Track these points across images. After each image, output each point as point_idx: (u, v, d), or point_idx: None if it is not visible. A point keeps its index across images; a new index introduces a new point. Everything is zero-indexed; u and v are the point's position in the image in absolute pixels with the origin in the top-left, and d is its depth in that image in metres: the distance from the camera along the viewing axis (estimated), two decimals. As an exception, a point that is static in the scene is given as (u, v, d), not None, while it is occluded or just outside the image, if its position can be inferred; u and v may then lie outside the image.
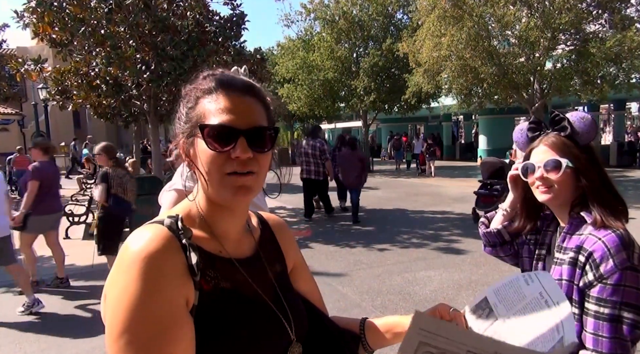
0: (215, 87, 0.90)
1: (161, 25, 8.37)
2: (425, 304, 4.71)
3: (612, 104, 24.68)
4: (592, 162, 1.38)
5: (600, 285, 1.22)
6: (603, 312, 1.21)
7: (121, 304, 0.77)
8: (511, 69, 12.98)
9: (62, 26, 8.39)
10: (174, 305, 0.80)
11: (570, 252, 1.33)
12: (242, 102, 0.89)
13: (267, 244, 1.07)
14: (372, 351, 1.15)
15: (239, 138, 0.85)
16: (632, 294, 1.20)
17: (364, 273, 5.93)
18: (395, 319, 1.12)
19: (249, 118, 0.88)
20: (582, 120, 1.39)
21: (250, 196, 0.90)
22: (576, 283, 1.28)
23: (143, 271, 0.78)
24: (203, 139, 0.87)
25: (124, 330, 0.76)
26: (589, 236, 1.30)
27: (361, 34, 20.34)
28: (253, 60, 9.99)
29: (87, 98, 9.22)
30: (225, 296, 0.88)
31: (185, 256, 0.83)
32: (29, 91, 23.54)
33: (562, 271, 1.33)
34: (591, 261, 1.25)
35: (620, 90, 13.08)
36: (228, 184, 0.87)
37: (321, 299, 1.18)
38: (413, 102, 18.44)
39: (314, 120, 27.95)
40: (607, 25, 12.99)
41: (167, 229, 0.85)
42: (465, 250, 6.88)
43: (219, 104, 0.88)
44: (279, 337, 0.93)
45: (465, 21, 12.64)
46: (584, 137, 1.39)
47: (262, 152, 0.89)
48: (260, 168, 0.89)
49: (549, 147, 1.40)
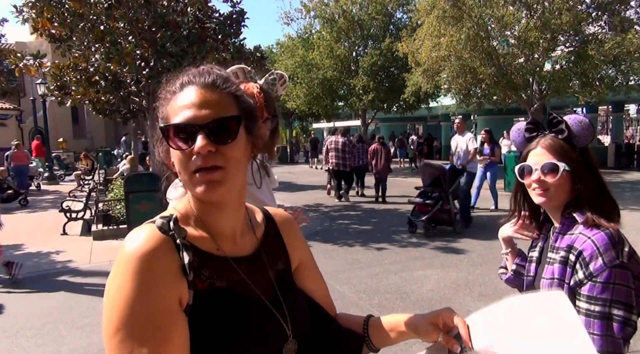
0: (178, 87, 0.91)
1: (161, 21, 8.35)
2: (422, 304, 4.73)
3: (610, 106, 24.72)
4: (588, 166, 1.40)
5: (590, 283, 1.24)
6: (594, 310, 1.23)
7: (116, 303, 0.80)
8: (510, 69, 12.99)
9: (62, 21, 8.36)
10: (166, 304, 0.81)
11: (561, 251, 1.35)
12: (201, 96, 0.88)
13: (271, 241, 1.06)
14: (377, 350, 1.13)
15: (197, 133, 0.85)
16: (622, 291, 1.21)
17: (362, 272, 5.94)
18: (399, 318, 1.08)
19: (207, 112, 0.87)
20: (579, 123, 1.40)
21: (221, 190, 0.88)
22: (567, 282, 1.30)
23: (136, 270, 0.80)
24: (166, 140, 0.88)
25: (118, 328, 0.78)
26: (579, 235, 1.32)
27: (360, 33, 20.33)
28: (253, 58, 9.97)
29: (86, 94, 9.20)
30: (221, 295, 0.88)
31: (179, 256, 0.84)
32: (28, 86, 23.45)
33: (554, 270, 1.35)
34: (581, 260, 1.27)
35: (619, 92, 13.11)
36: (196, 182, 0.87)
37: (328, 297, 1.17)
38: (412, 101, 18.45)
39: (312, 118, 27.95)
40: (606, 27, 13.02)
41: (158, 230, 0.86)
42: (462, 250, 6.89)
43: (177, 103, 0.89)
44: (275, 336, 0.93)
45: (465, 21, 12.64)
46: (581, 141, 1.40)
47: (225, 144, 0.87)
48: (228, 160, 0.87)
49: (546, 150, 1.41)
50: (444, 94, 17.76)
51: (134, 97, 9.45)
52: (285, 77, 1.85)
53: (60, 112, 26.90)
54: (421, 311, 2.45)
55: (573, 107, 23.09)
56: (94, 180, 13.60)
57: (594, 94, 12.79)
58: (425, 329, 1.01)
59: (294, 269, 1.10)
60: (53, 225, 9.08)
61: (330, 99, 21.60)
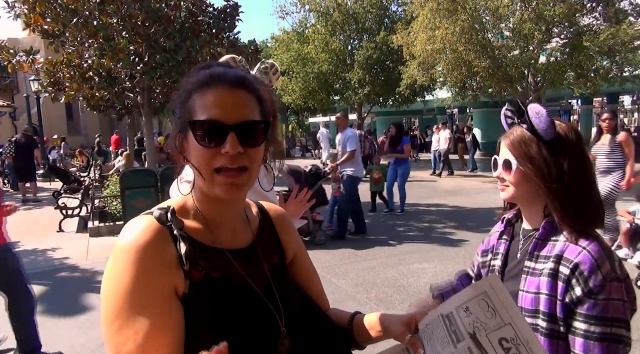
0: (207, 81, 0.89)
1: (154, 16, 8.28)
2: (420, 296, 4.74)
3: (605, 98, 24.79)
4: (554, 162, 1.23)
5: (590, 301, 1.12)
6: (594, 331, 1.12)
7: (113, 292, 0.83)
8: (505, 61, 13.00)
9: (54, 17, 8.28)
10: (163, 292, 0.84)
11: (548, 262, 1.21)
12: (232, 96, 0.88)
13: (265, 235, 1.07)
14: (361, 348, 1.13)
15: (228, 134, 0.85)
16: (619, 307, 1.12)
17: (359, 266, 5.96)
18: (376, 317, 1.08)
19: (238, 113, 0.87)
20: (537, 115, 1.24)
21: (241, 194, 0.91)
22: (560, 299, 1.16)
23: (134, 260, 0.83)
24: (193, 134, 0.87)
25: (117, 315, 0.81)
26: (570, 245, 1.19)
27: (355, 26, 20.27)
28: (247, 52, 9.92)
29: (80, 90, 9.13)
30: (216, 286, 0.90)
31: (175, 247, 0.86)
32: (21, 83, 23.28)
33: (540, 283, 1.21)
34: (578, 274, 1.13)
35: (614, 83, 13.16)
36: (217, 182, 0.87)
37: (321, 290, 1.18)
38: (407, 94, 18.45)
39: (308, 113, 27.90)
40: (600, 19, 13.03)
41: (156, 221, 0.88)
42: (459, 242, 6.92)
43: (208, 99, 0.88)
44: (268, 328, 0.94)
45: (459, 14, 12.63)
46: (544, 133, 1.24)
47: (253, 146, 0.88)
48: (252, 163, 0.89)
49: (507, 144, 1.31)
50: (440, 87, 17.78)
51: (128, 93, 9.39)
52: (277, 67, 1.87)
53: (54, 108, 26.72)
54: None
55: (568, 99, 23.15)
56: (89, 177, 13.55)
57: (589, 86, 12.84)
58: (395, 330, 1.00)
59: (288, 263, 1.12)
60: (49, 222, 9.05)
61: (325, 93, 21.55)
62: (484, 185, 10.24)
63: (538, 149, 1.24)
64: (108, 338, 0.82)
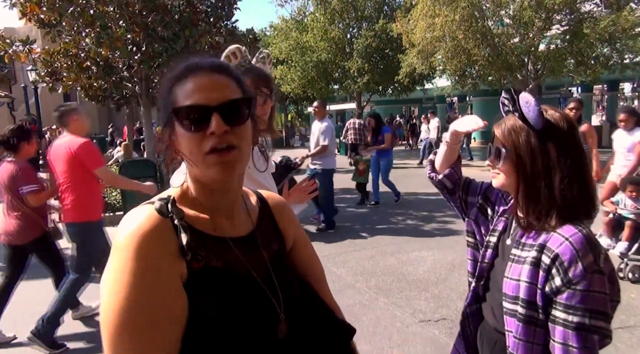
0: (184, 72, 0.92)
1: (151, 5, 8.21)
2: (419, 285, 4.77)
3: (605, 85, 24.71)
4: (542, 151, 1.24)
5: (569, 291, 1.14)
6: (572, 320, 1.14)
7: (117, 284, 0.81)
8: (505, 49, 12.92)
9: (50, 6, 8.21)
10: (168, 281, 0.83)
11: (532, 250, 1.23)
12: (211, 80, 0.91)
13: (265, 223, 1.08)
14: None
15: (212, 115, 0.86)
16: (600, 300, 1.13)
17: (358, 254, 5.98)
18: None
19: (219, 94, 0.89)
20: (526, 105, 1.26)
21: (234, 173, 0.92)
22: (540, 287, 1.19)
23: (136, 251, 0.82)
24: (179, 122, 0.89)
25: (121, 308, 0.79)
26: (554, 235, 1.21)
27: (355, 14, 20.10)
28: (246, 41, 9.86)
29: (78, 80, 9.09)
30: (216, 274, 0.90)
31: (177, 236, 0.86)
32: (18, 73, 23.15)
33: (522, 271, 1.23)
34: (558, 264, 1.15)
35: (614, 71, 13.09)
36: (209, 163, 0.88)
37: (322, 277, 1.19)
38: (406, 83, 18.36)
39: (307, 102, 27.77)
40: (601, 5, 12.93)
41: (157, 211, 0.88)
42: (458, 230, 6.93)
43: (188, 87, 0.90)
44: (267, 315, 0.94)
45: (459, 1, 12.51)
46: (534, 122, 1.25)
47: (239, 124, 0.90)
48: (241, 141, 0.90)
49: (499, 132, 1.34)
50: (439, 76, 17.70)
51: (126, 82, 9.35)
52: (271, 57, 1.99)
53: (52, 99, 26.48)
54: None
55: (568, 86, 23.06)
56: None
57: (589, 73, 12.78)
58: None
59: (288, 251, 1.12)
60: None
61: (325, 82, 21.43)
62: (483, 173, 10.22)
63: (527, 138, 1.26)
64: (111, 328, 0.80)
